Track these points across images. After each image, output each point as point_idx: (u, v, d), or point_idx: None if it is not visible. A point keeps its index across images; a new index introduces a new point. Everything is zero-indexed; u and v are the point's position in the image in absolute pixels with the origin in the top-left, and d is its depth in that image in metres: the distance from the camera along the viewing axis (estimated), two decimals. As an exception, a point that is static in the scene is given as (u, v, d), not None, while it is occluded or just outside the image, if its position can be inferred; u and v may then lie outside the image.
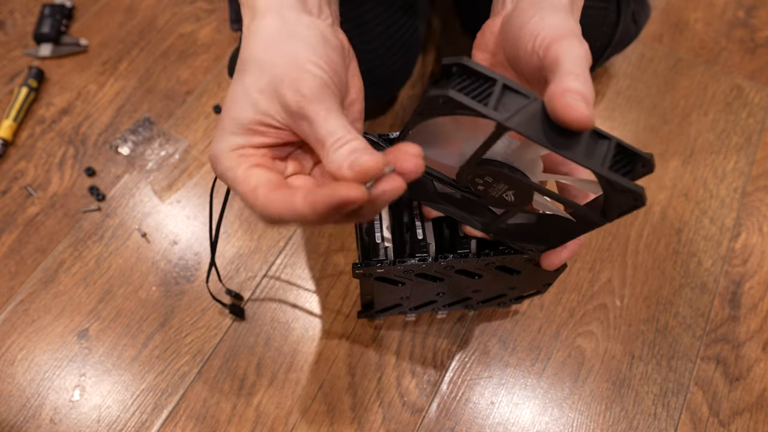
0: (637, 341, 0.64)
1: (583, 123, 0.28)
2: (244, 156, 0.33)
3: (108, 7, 0.87)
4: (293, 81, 0.32)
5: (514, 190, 0.36)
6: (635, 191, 0.30)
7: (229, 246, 0.68)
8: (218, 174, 0.34)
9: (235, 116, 0.33)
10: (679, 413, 0.61)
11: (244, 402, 0.60)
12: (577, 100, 0.28)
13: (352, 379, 0.61)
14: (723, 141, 0.78)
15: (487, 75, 0.30)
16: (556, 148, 0.29)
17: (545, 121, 0.29)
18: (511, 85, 0.30)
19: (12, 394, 0.60)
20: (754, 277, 0.68)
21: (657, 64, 0.84)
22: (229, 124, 0.33)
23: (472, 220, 0.43)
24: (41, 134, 0.76)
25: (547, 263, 0.42)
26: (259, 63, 0.33)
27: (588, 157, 0.30)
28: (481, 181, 0.36)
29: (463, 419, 0.60)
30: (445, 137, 0.37)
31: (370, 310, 0.58)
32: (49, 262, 0.67)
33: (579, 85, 0.29)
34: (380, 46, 0.62)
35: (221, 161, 0.33)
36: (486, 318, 0.65)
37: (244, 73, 0.33)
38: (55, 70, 0.81)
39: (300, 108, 0.31)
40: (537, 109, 0.29)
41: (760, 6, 0.90)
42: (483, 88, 0.30)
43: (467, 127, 0.35)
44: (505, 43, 0.38)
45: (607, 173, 0.30)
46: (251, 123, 0.32)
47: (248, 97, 0.32)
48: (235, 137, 0.33)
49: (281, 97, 0.32)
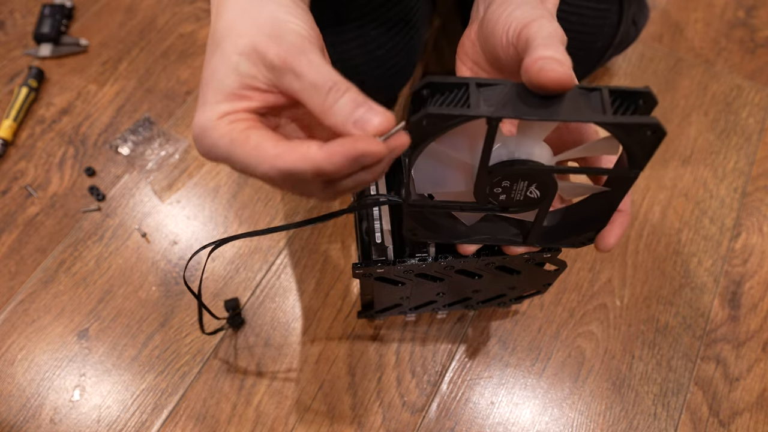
0: (637, 341, 0.64)
1: (562, 82, 0.28)
2: (235, 121, 0.30)
3: (108, 7, 0.87)
4: (274, 37, 0.30)
5: (535, 182, 0.34)
6: (650, 123, 0.28)
7: (229, 246, 0.68)
8: (206, 150, 0.30)
9: (216, 86, 0.30)
10: (679, 413, 0.61)
11: (244, 402, 0.60)
12: (549, 63, 0.28)
13: (352, 379, 0.61)
14: (723, 141, 0.78)
15: (458, 82, 0.30)
16: (549, 117, 0.28)
17: (529, 97, 0.29)
18: (482, 81, 0.30)
19: (12, 394, 0.60)
20: (754, 277, 0.68)
21: (657, 64, 0.84)
22: (212, 94, 0.30)
23: (511, 239, 0.41)
24: (41, 134, 0.76)
25: (603, 246, 0.39)
26: (236, 29, 0.31)
27: (586, 113, 0.29)
28: (500, 190, 0.35)
29: (463, 419, 0.60)
30: (450, 165, 0.36)
31: (370, 310, 0.58)
32: (49, 262, 0.67)
33: (551, 51, 0.29)
34: (380, 47, 0.62)
35: (209, 132, 0.30)
36: (486, 318, 0.65)
37: (221, 42, 0.31)
38: (55, 70, 0.81)
39: (284, 61, 0.29)
40: (517, 90, 0.29)
41: (760, 6, 0.90)
42: (459, 95, 0.30)
43: (465, 144, 0.34)
44: (484, 47, 0.38)
45: (613, 119, 0.28)
46: (236, 88, 0.30)
47: (229, 63, 0.30)
48: (221, 105, 0.30)
49: (263, 55, 0.30)
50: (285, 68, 0.29)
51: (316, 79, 0.29)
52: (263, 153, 0.28)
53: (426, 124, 0.29)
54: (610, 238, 0.38)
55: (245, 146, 0.29)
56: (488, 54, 0.38)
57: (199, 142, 0.30)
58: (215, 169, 0.73)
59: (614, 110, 0.29)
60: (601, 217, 0.38)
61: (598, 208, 0.37)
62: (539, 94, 0.29)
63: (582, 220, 0.39)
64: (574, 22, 0.61)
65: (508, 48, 0.35)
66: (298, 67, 0.29)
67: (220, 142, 0.29)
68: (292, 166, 0.28)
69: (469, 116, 0.28)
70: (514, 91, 0.29)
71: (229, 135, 0.29)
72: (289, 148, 0.28)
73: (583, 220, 0.39)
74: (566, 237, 0.40)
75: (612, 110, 0.29)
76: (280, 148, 0.28)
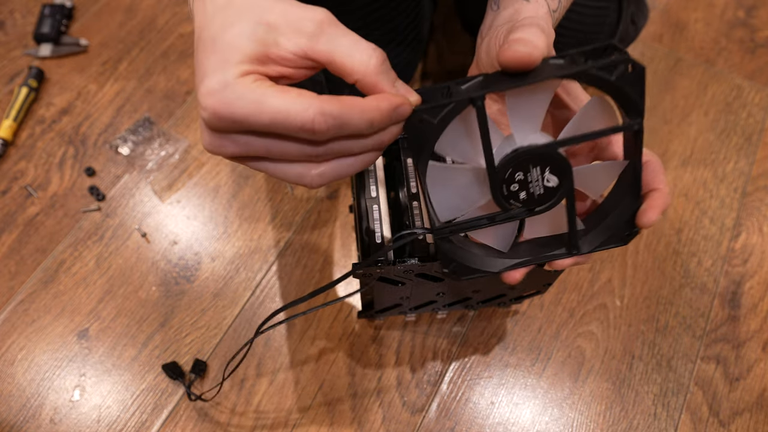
0: (637, 341, 0.64)
1: (523, 59, 0.29)
2: (260, 80, 0.28)
3: (108, 7, 0.87)
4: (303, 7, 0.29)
5: (548, 166, 0.33)
6: (621, 59, 0.30)
7: (229, 246, 0.68)
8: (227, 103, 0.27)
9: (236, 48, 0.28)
10: (679, 413, 0.61)
11: (244, 402, 0.60)
12: (512, 45, 0.30)
13: (352, 379, 0.61)
14: (723, 141, 0.78)
15: (440, 87, 0.32)
16: (521, 83, 0.30)
17: (504, 77, 0.31)
18: (462, 80, 0.32)
19: (12, 394, 0.60)
20: (754, 277, 0.68)
21: (657, 64, 0.84)
22: (232, 54, 0.28)
23: (556, 254, 0.39)
24: (41, 134, 0.76)
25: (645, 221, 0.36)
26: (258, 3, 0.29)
27: (557, 70, 0.30)
28: (517, 187, 0.34)
29: (463, 419, 0.60)
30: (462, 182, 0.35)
31: (370, 310, 0.58)
32: (49, 262, 0.67)
33: (519, 34, 0.31)
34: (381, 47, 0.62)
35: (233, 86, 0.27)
36: (486, 318, 0.65)
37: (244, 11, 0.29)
38: (55, 70, 0.81)
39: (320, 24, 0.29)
40: (493, 76, 0.32)
41: (760, 6, 0.90)
42: (443, 93, 0.32)
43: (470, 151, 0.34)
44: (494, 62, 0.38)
45: (587, 66, 0.30)
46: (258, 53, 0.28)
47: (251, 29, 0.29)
48: (243, 65, 0.28)
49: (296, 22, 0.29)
50: (321, 31, 0.29)
51: (358, 40, 0.29)
52: (309, 101, 0.27)
53: (419, 121, 0.31)
54: (648, 212, 0.36)
55: (286, 94, 0.27)
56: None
57: (216, 97, 0.28)
58: (215, 169, 0.73)
59: (585, 61, 0.31)
60: (634, 199, 0.36)
61: (627, 190, 0.36)
62: (511, 74, 0.31)
63: (619, 211, 0.37)
64: (573, 21, 0.61)
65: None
66: (336, 29, 0.29)
67: (248, 94, 0.27)
68: (340, 119, 0.28)
69: (451, 101, 0.31)
70: (491, 77, 0.32)
71: (259, 87, 0.27)
72: (337, 99, 0.28)
73: (620, 210, 0.37)
74: (612, 235, 0.38)
75: (584, 61, 0.31)
76: (326, 98, 0.28)
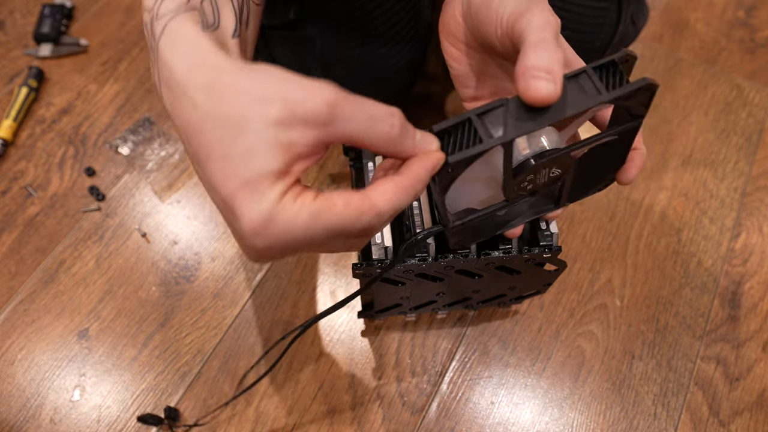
0: (637, 341, 0.64)
1: (548, 100, 0.29)
2: (300, 195, 0.26)
3: (108, 7, 0.87)
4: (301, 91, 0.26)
5: (554, 165, 0.36)
6: (644, 85, 0.30)
7: (229, 246, 0.68)
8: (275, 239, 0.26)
9: (259, 168, 0.25)
10: (679, 413, 0.61)
11: (244, 402, 0.60)
12: (536, 78, 0.29)
13: (352, 379, 0.61)
14: (723, 141, 0.78)
15: (460, 121, 0.31)
16: (556, 118, 0.30)
17: (527, 109, 0.30)
18: (481, 110, 0.31)
19: (12, 394, 0.60)
20: (754, 277, 0.68)
21: (657, 64, 0.84)
22: (256, 173, 0.25)
23: (545, 209, 0.42)
24: (41, 134, 0.76)
25: (625, 178, 0.39)
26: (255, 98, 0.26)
27: (587, 100, 0.30)
28: (526, 183, 0.37)
29: (463, 419, 0.60)
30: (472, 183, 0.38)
31: (370, 310, 0.58)
32: (49, 262, 0.67)
33: (537, 58, 0.30)
34: (382, 46, 0.62)
35: (278, 218, 0.25)
36: (486, 318, 0.65)
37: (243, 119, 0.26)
38: (55, 70, 0.81)
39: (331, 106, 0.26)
40: (515, 105, 0.31)
41: (760, 6, 0.90)
42: (467, 133, 0.31)
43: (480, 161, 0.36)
44: (475, 33, 0.38)
45: (612, 95, 0.30)
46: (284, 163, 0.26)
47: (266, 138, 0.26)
48: (276, 186, 0.26)
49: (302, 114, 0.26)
50: (334, 116, 0.26)
51: (374, 112, 0.27)
52: (360, 206, 0.27)
53: (451, 171, 0.31)
54: (630, 170, 0.39)
55: (334, 209, 0.26)
56: (480, 39, 0.38)
57: (264, 236, 0.26)
58: (215, 169, 0.73)
59: (606, 86, 0.31)
60: (617, 160, 0.39)
61: (611, 153, 0.39)
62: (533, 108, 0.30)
63: (600, 167, 0.40)
64: (573, 21, 0.61)
65: (503, 39, 0.34)
66: (348, 106, 0.27)
67: (296, 222, 0.26)
68: (398, 200, 0.28)
69: (485, 150, 0.30)
70: (513, 107, 0.31)
71: (306, 209, 0.26)
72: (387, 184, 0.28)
73: (600, 167, 0.40)
74: (590, 187, 0.42)
75: (605, 87, 0.31)
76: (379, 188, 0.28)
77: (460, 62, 0.41)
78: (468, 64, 0.41)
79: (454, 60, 0.42)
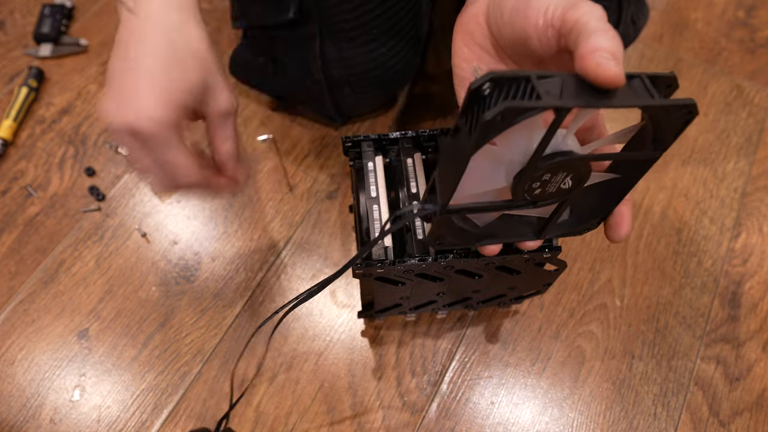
0: (637, 341, 0.64)
1: (616, 81, 0.29)
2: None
3: (108, 7, 0.87)
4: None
5: (572, 173, 0.34)
6: (689, 104, 0.30)
7: (229, 246, 0.68)
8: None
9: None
10: (679, 413, 0.61)
11: (244, 402, 0.60)
12: (607, 59, 0.29)
13: (352, 379, 0.61)
14: (723, 141, 0.78)
15: (520, 76, 0.30)
16: (610, 105, 0.29)
17: (586, 87, 0.30)
18: (541, 74, 0.30)
19: (12, 394, 0.60)
20: (754, 277, 0.68)
21: (657, 64, 0.84)
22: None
23: (526, 235, 0.41)
24: (41, 134, 0.76)
25: (618, 236, 0.39)
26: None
27: (638, 98, 0.30)
28: (538, 184, 0.35)
29: (463, 419, 0.60)
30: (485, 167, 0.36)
31: (370, 310, 0.58)
32: (49, 262, 0.67)
33: (606, 41, 0.30)
34: (381, 45, 0.62)
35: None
36: (486, 318, 0.65)
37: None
38: (55, 70, 0.81)
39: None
40: (573, 81, 0.30)
41: (760, 6, 0.90)
42: (522, 87, 0.30)
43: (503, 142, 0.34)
44: (502, 29, 0.37)
45: (660, 102, 0.30)
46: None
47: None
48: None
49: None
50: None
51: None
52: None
53: (501, 119, 0.28)
54: (624, 227, 0.38)
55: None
56: (509, 36, 0.37)
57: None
58: (215, 169, 0.73)
59: (657, 93, 0.31)
60: (607, 205, 0.38)
61: (602, 195, 0.38)
62: (592, 86, 0.30)
63: (589, 209, 0.39)
64: None
65: (546, 30, 0.34)
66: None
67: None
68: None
69: (543, 107, 0.28)
70: (571, 82, 0.30)
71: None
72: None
73: (589, 209, 0.39)
74: (572, 226, 0.41)
75: (657, 93, 0.31)
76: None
77: (470, 63, 0.41)
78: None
79: (464, 60, 0.41)
